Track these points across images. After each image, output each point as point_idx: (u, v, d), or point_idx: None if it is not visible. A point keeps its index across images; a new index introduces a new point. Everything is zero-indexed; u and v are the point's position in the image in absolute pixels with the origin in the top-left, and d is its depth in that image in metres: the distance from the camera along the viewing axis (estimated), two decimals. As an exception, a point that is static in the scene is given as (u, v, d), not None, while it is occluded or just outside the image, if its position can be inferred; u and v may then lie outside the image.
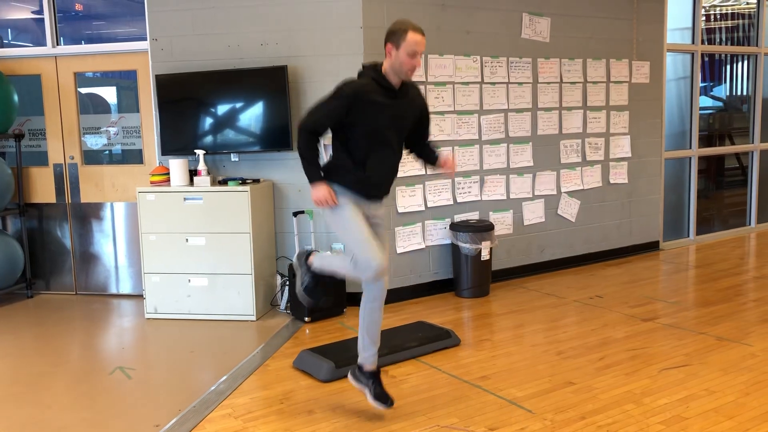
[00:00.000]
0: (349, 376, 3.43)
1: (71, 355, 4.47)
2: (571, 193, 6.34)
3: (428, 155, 3.49)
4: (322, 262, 3.43)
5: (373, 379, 3.34)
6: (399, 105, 3.20)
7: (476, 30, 5.64)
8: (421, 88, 5.36)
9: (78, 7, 5.80)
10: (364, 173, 3.18)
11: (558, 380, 3.76)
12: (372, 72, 3.15)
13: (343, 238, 3.26)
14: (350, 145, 3.17)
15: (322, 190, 3.12)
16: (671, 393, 3.54)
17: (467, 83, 5.62)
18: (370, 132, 3.14)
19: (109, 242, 5.84)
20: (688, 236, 7.52)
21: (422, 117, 3.40)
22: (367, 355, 3.36)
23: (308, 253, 3.54)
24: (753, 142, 8.02)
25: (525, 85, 5.94)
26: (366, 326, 3.32)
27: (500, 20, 5.76)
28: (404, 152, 3.43)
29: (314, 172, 3.14)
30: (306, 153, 3.12)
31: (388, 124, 3.16)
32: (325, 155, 5.14)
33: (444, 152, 3.40)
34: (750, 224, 8.10)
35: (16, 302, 5.71)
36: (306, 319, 4.89)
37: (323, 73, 5.15)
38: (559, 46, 6.11)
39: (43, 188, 5.88)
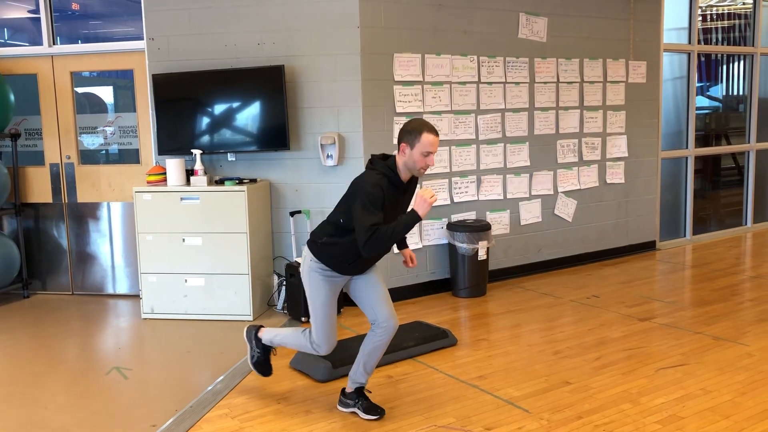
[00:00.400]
0: (338, 406, 3.46)
1: (68, 355, 4.46)
2: (567, 193, 6.35)
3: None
4: (272, 337, 3.57)
5: (359, 397, 3.38)
6: (403, 199, 3.26)
7: (473, 30, 5.64)
8: (419, 88, 5.38)
9: (74, 6, 5.79)
10: (354, 260, 3.21)
11: (555, 380, 3.76)
12: (386, 170, 3.14)
13: (311, 311, 3.33)
14: (349, 236, 3.15)
15: (423, 206, 3.05)
16: (668, 392, 3.55)
17: (464, 83, 5.62)
18: None
19: (105, 242, 5.83)
20: (685, 236, 7.53)
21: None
22: (355, 382, 3.40)
23: (258, 327, 3.65)
24: (749, 142, 8.03)
25: (522, 85, 5.94)
26: (365, 358, 3.34)
27: (497, 20, 5.76)
28: None
29: (409, 219, 3.07)
30: (396, 236, 3.04)
31: (392, 217, 3.17)
32: (322, 155, 5.15)
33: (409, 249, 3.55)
34: (746, 224, 8.12)
35: (13, 302, 5.69)
36: (303, 319, 4.89)
37: (320, 72, 5.14)
38: (556, 46, 6.12)
39: (39, 188, 5.86)
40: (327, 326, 3.30)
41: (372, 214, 3.02)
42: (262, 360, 3.64)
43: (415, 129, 3.12)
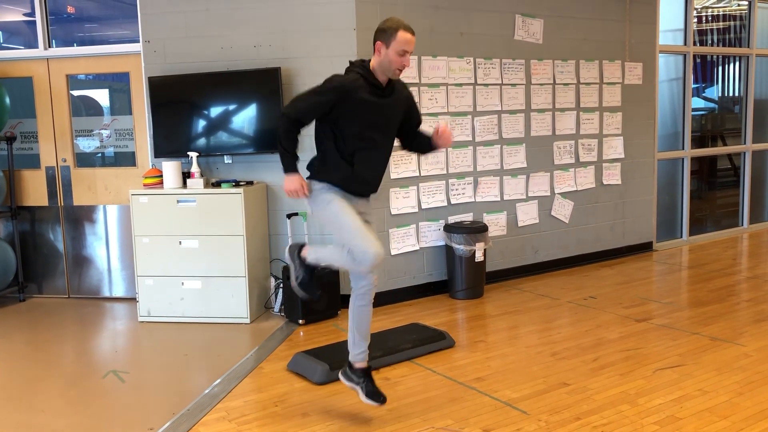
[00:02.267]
0: (340, 375, 3.42)
1: (64, 358, 4.44)
2: (564, 194, 6.36)
3: (421, 143, 3.46)
4: (317, 254, 3.36)
5: (365, 377, 3.33)
6: (386, 103, 3.19)
7: (469, 31, 5.64)
8: (415, 90, 5.37)
9: (70, 9, 5.78)
10: (350, 171, 3.16)
11: (552, 381, 3.76)
12: (360, 69, 3.13)
13: (336, 232, 3.22)
14: (336, 143, 3.15)
15: (295, 181, 3.12)
16: (665, 393, 3.55)
17: (461, 85, 5.62)
18: (357, 129, 3.13)
19: (101, 245, 5.82)
20: (681, 237, 7.54)
21: (410, 110, 3.38)
22: (357, 353, 3.35)
23: (301, 246, 3.45)
24: (745, 143, 8.05)
25: (518, 87, 5.95)
26: (356, 324, 3.31)
27: (493, 22, 5.76)
28: (400, 150, 3.43)
29: (289, 162, 3.12)
30: (284, 140, 3.10)
31: (375, 122, 3.15)
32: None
33: (435, 126, 3.33)
34: (743, 225, 8.13)
35: (8, 306, 5.67)
36: (300, 321, 4.88)
37: (316, 75, 5.13)
38: (552, 48, 6.12)
39: (35, 191, 5.85)
40: (361, 230, 3.07)
41: (302, 101, 3.11)
42: (307, 280, 3.39)
43: (390, 27, 3.08)
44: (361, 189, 3.26)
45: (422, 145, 3.45)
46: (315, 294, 3.45)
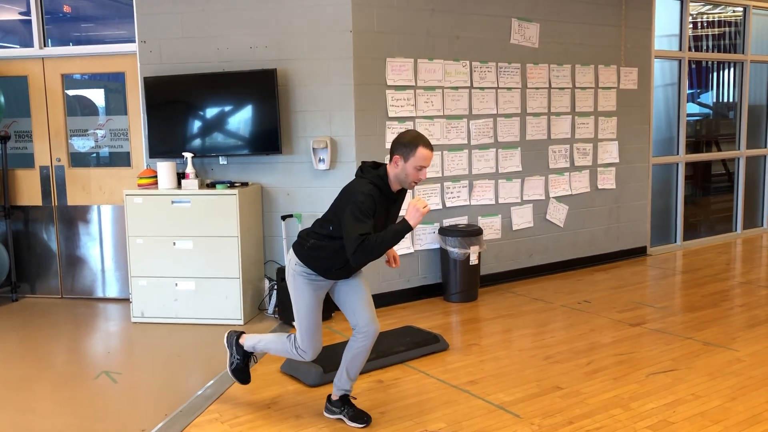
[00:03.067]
0: (324, 413, 3.43)
1: (56, 359, 4.43)
2: (559, 198, 6.37)
3: None
4: (254, 342, 3.50)
5: (345, 404, 3.36)
6: (392, 210, 3.23)
7: (465, 35, 5.65)
8: (411, 92, 5.38)
9: (66, 8, 5.76)
10: (341, 265, 3.18)
11: (546, 385, 3.76)
12: (377, 180, 3.11)
13: (296, 315, 3.30)
14: (336, 243, 3.12)
15: (415, 215, 3.02)
16: (658, 398, 3.56)
17: (456, 88, 5.63)
18: None
19: (95, 245, 5.80)
20: (675, 242, 7.56)
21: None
22: (340, 388, 3.37)
23: (239, 334, 3.58)
24: (739, 149, 8.08)
25: (514, 90, 5.96)
26: (349, 362, 3.31)
27: (489, 25, 5.78)
28: None
29: (399, 228, 3.03)
30: (385, 246, 3.01)
31: (380, 226, 3.14)
32: (314, 159, 5.14)
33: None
34: (736, 230, 8.16)
35: (1, 306, 5.64)
36: (294, 323, 4.86)
37: (312, 76, 5.14)
38: (547, 52, 6.14)
39: (29, 190, 5.82)
40: (312, 331, 3.27)
41: (362, 224, 2.99)
42: (242, 367, 3.55)
43: (411, 142, 3.07)
44: (344, 276, 3.29)
45: None
46: (246, 382, 3.59)
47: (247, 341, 3.51)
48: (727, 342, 4.41)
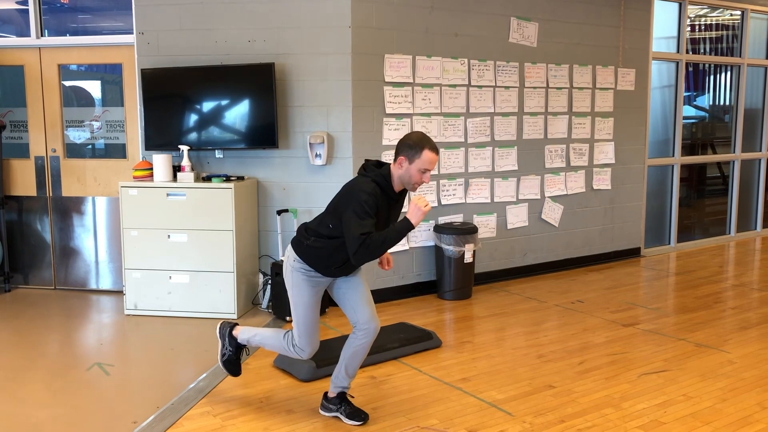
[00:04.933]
0: (320, 411, 3.42)
1: (49, 350, 4.41)
2: (554, 198, 6.38)
3: None
4: (248, 335, 3.47)
5: (341, 402, 3.35)
6: (393, 211, 3.22)
7: (464, 33, 5.65)
8: (409, 89, 5.38)
9: (64, -2, 5.74)
10: (340, 263, 3.17)
11: (538, 383, 3.77)
12: (380, 178, 3.09)
13: (293, 313, 3.27)
14: (336, 241, 3.11)
15: (417, 214, 3.00)
16: (650, 398, 3.57)
17: (454, 86, 5.63)
18: None
19: (89, 237, 5.78)
20: (669, 243, 7.58)
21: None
22: (337, 385, 3.35)
23: (232, 325, 3.54)
24: (734, 152, 8.11)
25: (511, 89, 5.96)
26: (348, 360, 3.29)
27: (488, 24, 5.78)
28: None
29: (401, 227, 3.01)
30: (387, 245, 3.00)
31: (381, 225, 3.13)
32: (311, 154, 5.13)
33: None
34: (730, 233, 8.19)
35: (-6, 296, 5.63)
36: (288, 318, 4.87)
37: (311, 71, 5.13)
38: (546, 51, 6.14)
39: (23, 181, 5.80)
40: (310, 328, 3.24)
41: (364, 222, 2.97)
42: (234, 359, 3.52)
43: (417, 144, 3.04)
44: (344, 273, 3.27)
45: None
46: (237, 374, 3.56)
47: (242, 334, 3.48)
48: (719, 344, 4.43)
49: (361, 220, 2.97)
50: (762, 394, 3.62)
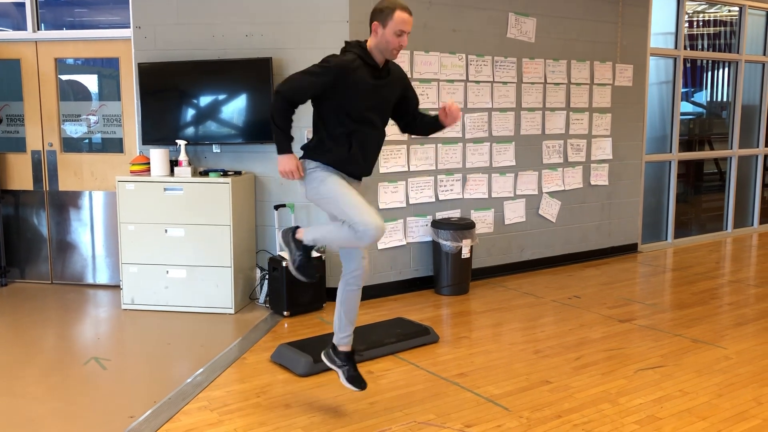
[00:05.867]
0: (323, 355, 3.39)
1: (45, 344, 4.41)
2: (552, 194, 6.38)
3: (425, 123, 3.40)
4: (313, 234, 3.25)
5: (348, 361, 3.32)
6: (383, 84, 3.16)
7: (462, 28, 5.64)
8: (406, 84, 5.36)
9: (60, -8, 5.72)
10: (347, 152, 3.11)
11: (535, 379, 3.78)
12: (357, 49, 3.09)
13: (334, 209, 3.09)
14: (332, 123, 3.10)
15: (290, 161, 3.04)
16: (646, 393, 3.58)
17: (452, 81, 5.62)
18: (355, 110, 3.09)
19: (86, 231, 5.77)
20: (666, 239, 7.59)
21: (406, 90, 3.33)
22: (342, 335, 3.33)
23: (294, 229, 3.35)
24: (732, 148, 8.12)
25: (509, 85, 5.96)
26: (344, 308, 3.27)
27: (486, 19, 5.77)
28: (391, 143, 3.38)
29: (283, 141, 3.05)
30: (278, 119, 3.03)
31: (372, 104, 3.11)
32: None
33: (442, 104, 3.27)
34: (727, 229, 8.20)
35: (-10, 290, 5.62)
36: (285, 313, 4.87)
37: (308, 66, 5.10)
38: (544, 47, 6.14)
39: (20, 175, 5.79)
40: (361, 204, 2.99)
41: (298, 80, 3.02)
42: (305, 262, 3.27)
43: (387, 7, 3.04)
44: (356, 170, 3.19)
45: (426, 124, 3.39)
46: (314, 276, 3.34)
47: (306, 235, 3.25)
48: (715, 339, 4.44)
49: (305, 73, 3.03)
50: (758, 390, 3.63)
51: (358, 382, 3.29)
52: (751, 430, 3.18)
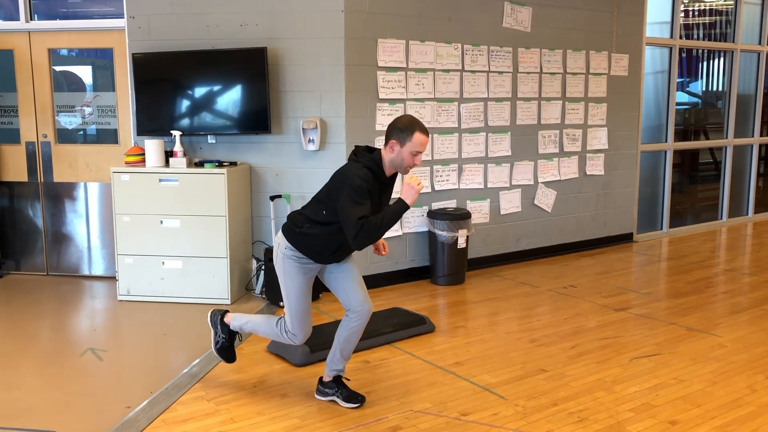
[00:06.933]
0: (316, 395, 3.42)
1: (41, 336, 4.41)
2: (547, 184, 6.38)
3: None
4: (241, 322, 3.46)
5: (338, 385, 3.36)
6: (384, 195, 3.22)
7: (458, 17, 5.62)
8: (402, 74, 5.36)
9: (53, -18, 5.67)
10: (331, 252, 3.18)
11: (531, 367, 3.79)
12: (371, 163, 3.09)
13: (285, 300, 3.27)
14: (332, 227, 3.11)
15: (411, 193, 3.04)
16: (641, 381, 3.60)
17: (448, 71, 5.61)
18: None
19: (82, 223, 5.76)
20: (662, 229, 7.61)
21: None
22: (332, 369, 3.36)
23: (223, 313, 3.53)
24: (727, 138, 8.13)
25: (505, 75, 5.95)
26: (342, 344, 3.30)
27: (482, 8, 5.75)
28: None
29: (397, 208, 3.03)
30: (385, 227, 3.01)
31: (373, 210, 3.12)
32: (304, 140, 5.11)
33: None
34: (722, 218, 8.23)
35: (-15, 282, 5.61)
36: (281, 303, 4.87)
37: (303, 56, 5.10)
38: (539, 36, 6.12)
39: (14, 166, 5.76)
40: (302, 315, 3.24)
41: (360, 207, 2.98)
42: (227, 346, 3.52)
43: (407, 127, 3.06)
44: (342, 258, 3.27)
45: None
46: (232, 360, 3.58)
47: (234, 321, 3.48)
48: (710, 328, 4.46)
49: (357, 205, 2.98)
50: (752, 377, 3.65)
51: (354, 398, 3.32)
52: (745, 416, 3.20)
